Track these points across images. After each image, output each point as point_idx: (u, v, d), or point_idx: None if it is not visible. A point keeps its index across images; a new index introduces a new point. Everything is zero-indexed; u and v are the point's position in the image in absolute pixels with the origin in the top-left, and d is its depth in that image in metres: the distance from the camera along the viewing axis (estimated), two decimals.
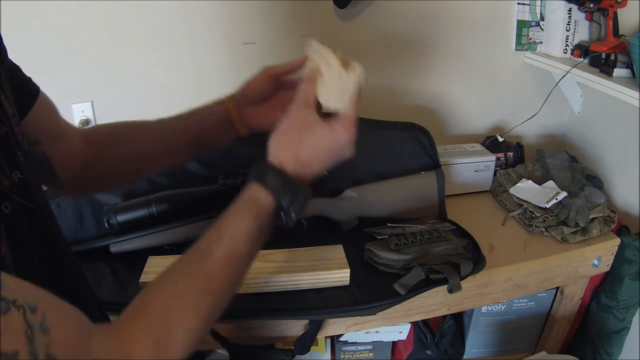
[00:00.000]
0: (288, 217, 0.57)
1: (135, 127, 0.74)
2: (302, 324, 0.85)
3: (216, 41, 1.12)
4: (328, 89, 0.59)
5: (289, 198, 0.56)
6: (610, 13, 1.13)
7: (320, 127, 0.58)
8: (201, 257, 0.51)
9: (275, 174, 0.56)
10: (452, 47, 1.26)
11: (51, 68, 1.04)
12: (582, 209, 1.04)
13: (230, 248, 0.52)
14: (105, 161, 0.69)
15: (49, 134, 0.60)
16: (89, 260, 0.90)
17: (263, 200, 0.55)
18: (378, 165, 1.07)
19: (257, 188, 0.56)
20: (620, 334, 1.13)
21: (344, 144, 0.59)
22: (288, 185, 0.56)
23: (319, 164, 0.59)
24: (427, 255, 0.88)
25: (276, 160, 0.58)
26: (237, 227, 0.54)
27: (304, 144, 0.58)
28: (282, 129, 0.60)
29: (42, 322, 0.35)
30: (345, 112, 0.59)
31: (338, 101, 0.59)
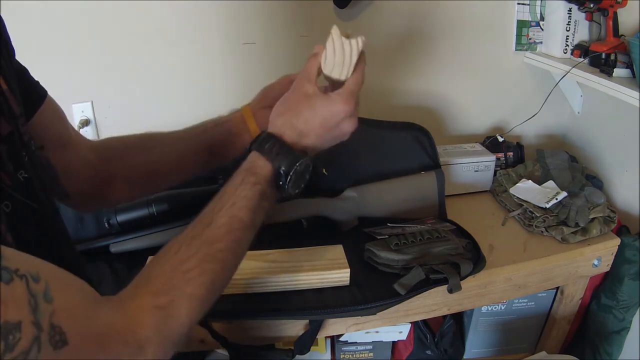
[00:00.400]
0: (287, 184, 0.56)
1: (146, 139, 0.74)
2: (302, 324, 0.85)
3: (216, 41, 1.12)
4: (330, 60, 0.60)
5: (287, 164, 0.56)
6: (610, 13, 1.13)
7: (318, 98, 0.59)
8: (203, 225, 0.52)
9: (273, 141, 0.57)
10: (452, 47, 1.26)
11: (51, 68, 1.04)
12: (582, 209, 1.04)
13: (231, 215, 0.52)
14: (115, 173, 0.68)
15: (55, 140, 0.59)
16: (89, 260, 0.90)
17: (261, 167, 0.56)
18: (378, 165, 1.07)
19: (255, 156, 0.57)
20: (620, 334, 1.13)
21: (343, 116, 0.59)
22: (285, 152, 0.57)
23: (316, 135, 0.59)
24: (427, 255, 0.88)
25: (274, 129, 0.59)
26: (236, 194, 0.54)
27: (302, 114, 0.58)
28: (282, 100, 0.61)
29: (46, 290, 0.34)
30: (347, 84, 0.60)
31: (340, 71, 0.60)
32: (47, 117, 0.58)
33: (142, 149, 0.72)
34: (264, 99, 0.75)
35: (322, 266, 0.84)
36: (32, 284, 0.34)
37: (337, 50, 0.60)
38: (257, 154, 0.57)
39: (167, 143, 0.73)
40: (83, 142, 0.67)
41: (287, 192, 0.57)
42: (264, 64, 1.16)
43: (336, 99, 0.58)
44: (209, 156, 0.74)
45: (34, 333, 0.32)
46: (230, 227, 0.52)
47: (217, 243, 0.50)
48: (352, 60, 0.60)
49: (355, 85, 0.60)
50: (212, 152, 0.74)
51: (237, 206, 0.53)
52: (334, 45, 0.60)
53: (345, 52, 0.60)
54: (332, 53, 0.60)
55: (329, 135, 0.60)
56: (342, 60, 0.60)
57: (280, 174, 0.56)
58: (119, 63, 1.08)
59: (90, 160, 0.66)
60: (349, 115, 0.59)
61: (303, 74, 0.61)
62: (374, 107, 1.20)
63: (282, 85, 0.74)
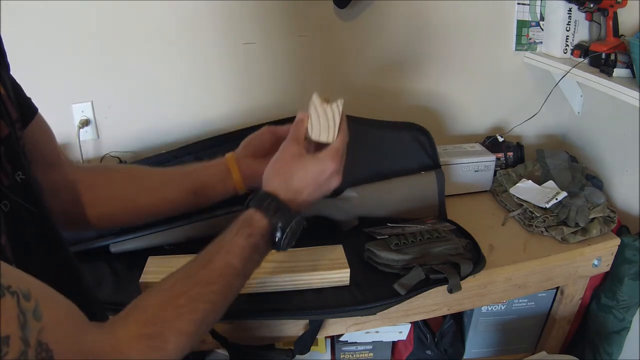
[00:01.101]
0: (282, 240, 0.61)
1: (131, 171, 0.77)
2: (302, 324, 0.85)
3: (216, 41, 1.12)
4: (316, 126, 0.66)
5: (283, 221, 0.60)
6: (610, 13, 1.13)
7: (308, 159, 0.64)
8: (199, 266, 0.54)
9: (270, 199, 0.61)
10: (452, 47, 1.26)
11: (51, 68, 1.04)
12: (582, 209, 1.04)
13: (225, 261, 0.55)
14: (97, 199, 0.70)
15: (42, 158, 0.60)
16: (89, 260, 0.90)
17: (257, 221, 0.60)
18: (378, 165, 1.07)
19: (252, 211, 0.61)
20: (620, 334, 1.13)
21: (331, 173, 0.64)
22: (281, 209, 0.61)
23: (308, 192, 0.64)
24: (427, 255, 0.88)
25: (269, 188, 0.63)
26: (232, 242, 0.57)
27: (295, 174, 0.63)
28: (274, 161, 0.65)
29: (35, 308, 0.36)
30: (333, 144, 0.65)
31: (326, 135, 0.66)
32: (36, 134, 0.59)
33: (125, 180, 0.75)
34: (247, 149, 0.79)
35: (322, 266, 0.84)
36: (23, 301, 0.35)
37: (321, 116, 0.66)
38: (254, 210, 0.61)
39: (152, 179, 0.76)
40: (69, 164, 0.69)
41: (280, 247, 0.62)
42: (264, 63, 1.16)
43: (325, 158, 0.64)
44: (192, 197, 0.77)
45: (21, 348, 0.34)
46: (224, 272, 0.55)
47: (211, 285, 0.53)
48: (335, 123, 0.66)
49: (341, 144, 0.65)
50: (196, 194, 0.77)
51: (232, 254, 0.56)
52: (317, 112, 0.66)
53: (328, 116, 0.66)
54: (316, 119, 0.66)
55: (319, 191, 0.65)
56: (326, 124, 0.66)
57: (276, 229, 0.60)
58: (119, 63, 1.08)
59: (74, 182, 0.68)
60: (335, 172, 0.64)
61: (292, 137, 0.66)
62: (374, 107, 1.20)
63: (264, 136, 0.79)
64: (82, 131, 1.11)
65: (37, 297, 0.36)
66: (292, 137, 0.66)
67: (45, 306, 0.37)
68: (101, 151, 1.15)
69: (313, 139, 0.66)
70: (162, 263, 0.83)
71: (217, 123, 1.18)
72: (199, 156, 1.03)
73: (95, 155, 1.15)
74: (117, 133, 1.15)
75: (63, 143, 1.12)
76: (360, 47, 1.20)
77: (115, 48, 1.07)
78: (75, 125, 1.10)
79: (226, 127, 1.17)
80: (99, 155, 1.15)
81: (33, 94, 0.66)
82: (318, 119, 0.66)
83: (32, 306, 0.35)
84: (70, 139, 1.11)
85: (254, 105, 1.19)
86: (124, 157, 1.14)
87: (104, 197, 0.71)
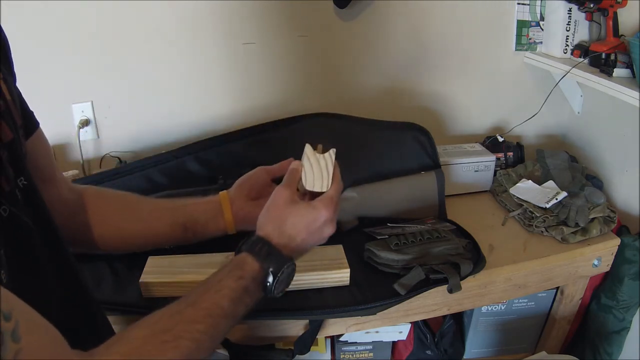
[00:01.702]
0: (274, 284, 0.60)
1: (123, 199, 0.77)
2: (302, 324, 0.85)
3: (216, 41, 1.12)
4: (309, 176, 0.67)
5: (275, 266, 0.60)
6: (610, 13, 1.13)
7: (302, 206, 0.64)
8: (186, 304, 0.54)
9: (262, 243, 0.62)
10: (452, 47, 1.26)
11: (51, 68, 1.04)
12: (582, 209, 1.04)
13: (213, 301, 0.55)
14: (88, 221, 0.71)
15: (39, 173, 0.60)
16: (89, 260, 0.90)
17: (249, 265, 0.60)
18: (378, 165, 1.07)
19: (245, 255, 0.61)
20: (620, 334, 1.13)
21: (324, 221, 0.64)
22: (272, 254, 0.61)
23: (301, 239, 0.64)
24: (427, 255, 0.88)
25: (262, 233, 0.63)
26: (221, 283, 0.57)
27: (288, 220, 0.63)
28: (268, 207, 0.65)
29: (14, 330, 0.35)
30: (327, 192, 0.66)
31: (320, 184, 0.67)
32: (35, 148, 0.59)
33: (118, 206, 0.75)
34: (241, 189, 0.79)
35: (322, 266, 0.84)
36: (2, 322, 0.35)
37: (314, 166, 0.67)
38: (246, 254, 0.61)
39: (143, 208, 0.77)
40: (65, 183, 0.69)
41: (272, 292, 0.61)
42: (263, 63, 1.16)
43: (318, 205, 0.64)
44: (181, 231, 0.77)
45: None
46: (211, 312, 0.54)
47: (197, 324, 0.52)
48: (329, 172, 0.67)
49: (335, 193, 0.66)
50: (185, 229, 0.77)
51: (220, 294, 0.56)
52: (310, 163, 0.67)
53: (321, 165, 0.67)
54: (309, 169, 0.67)
55: (312, 239, 0.65)
56: (320, 174, 0.66)
57: (268, 274, 0.60)
58: (119, 63, 1.08)
59: (68, 201, 0.68)
60: (329, 220, 0.64)
61: (285, 183, 0.66)
62: (374, 107, 1.21)
63: (259, 176, 0.79)
64: (82, 131, 1.11)
65: (18, 319, 0.36)
66: (286, 184, 0.66)
67: (26, 328, 0.36)
68: (101, 151, 1.15)
69: (307, 188, 0.67)
70: (162, 263, 0.83)
71: (217, 123, 1.18)
72: (199, 156, 1.03)
73: (95, 155, 1.15)
74: (117, 133, 1.15)
75: (63, 143, 1.12)
76: (360, 47, 1.20)
77: (115, 48, 1.07)
78: (75, 125, 1.10)
79: (226, 127, 1.17)
80: (99, 155, 1.15)
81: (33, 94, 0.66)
82: (311, 168, 0.66)
83: (10, 327, 0.35)
84: (70, 139, 1.11)
85: (254, 105, 1.19)
86: (124, 157, 1.15)
87: (96, 221, 0.72)
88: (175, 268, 0.81)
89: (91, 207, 0.72)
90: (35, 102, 0.61)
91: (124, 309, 0.79)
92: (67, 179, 0.70)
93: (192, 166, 1.03)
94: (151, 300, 0.80)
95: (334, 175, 0.67)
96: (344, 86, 1.23)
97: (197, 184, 1.00)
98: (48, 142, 0.64)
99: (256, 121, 1.09)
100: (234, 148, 1.05)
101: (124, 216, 0.75)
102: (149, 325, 0.50)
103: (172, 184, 1.01)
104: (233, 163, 1.03)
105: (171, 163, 1.03)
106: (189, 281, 0.79)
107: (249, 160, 1.03)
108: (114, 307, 0.79)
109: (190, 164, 1.03)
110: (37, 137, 0.60)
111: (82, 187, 0.75)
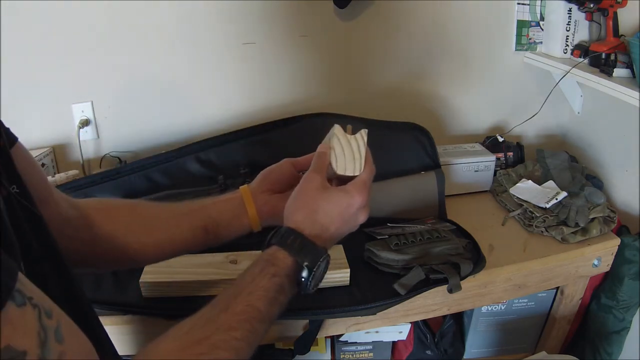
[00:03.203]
0: (309, 280, 0.55)
1: (135, 210, 0.69)
2: (302, 324, 0.85)
3: (216, 41, 1.12)
4: (341, 159, 0.62)
5: (310, 259, 0.55)
6: (610, 13, 1.13)
7: (334, 191, 0.59)
8: (219, 309, 0.49)
9: (294, 235, 0.56)
10: (452, 47, 1.26)
11: (51, 68, 1.04)
12: (582, 209, 1.04)
13: (248, 303, 0.50)
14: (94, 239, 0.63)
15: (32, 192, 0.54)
16: None
17: (281, 260, 0.54)
18: (378, 165, 1.05)
19: (275, 249, 0.55)
20: (620, 334, 1.13)
21: (358, 207, 0.59)
22: (307, 246, 0.56)
23: (335, 227, 0.59)
24: (427, 255, 0.88)
25: (293, 224, 0.57)
26: (254, 283, 0.52)
27: (321, 208, 0.58)
28: (296, 195, 0.60)
29: (57, 329, 0.32)
30: (360, 176, 0.61)
31: (353, 167, 0.62)
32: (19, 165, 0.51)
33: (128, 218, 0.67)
34: (264, 182, 0.72)
35: None
36: (45, 318, 0.31)
37: (346, 148, 0.62)
38: (277, 248, 0.55)
39: (158, 216, 0.69)
40: (63, 200, 0.62)
41: (307, 288, 0.56)
42: (263, 64, 1.16)
43: (352, 190, 0.59)
44: (203, 235, 0.69)
45: None
46: (248, 316, 0.49)
47: (233, 331, 0.47)
48: (361, 155, 0.62)
49: (368, 176, 0.61)
50: (207, 231, 0.69)
51: (255, 295, 0.51)
52: (341, 145, 0.61)
53: (353, 148, 0.62)
54: (341, 152, 0.61)
55: (346, 227, 0.60)
56: (352, 156, 0.62)
57: (303, 269, 0.55)
58: (118, 63, 1.08)
59: (69, 220, 0.61)
60: (363, 205, 0.60)
61: (314, 169, 0.61)
62: (374, 107, 1.21)
63: (283, 169, 0.71)
64: (82, 131, 1.11)
65: (59, 319, 0.33)
66: (315, 169, 0.61)
67: (68, 331, 0.33)
68: (101, 151, 1.15)
69: (339, 173, 0.62)
70: (162, 263, 0.83)
71: (217, 123, 1.18)
72: (199, 156, 1.03)
73: (95, 155, 1.15)
74: (117, 133, 1.15)
75: (63, 143, 1.12)
76: (360, 47, 1.20)
77: (116, 48, 1.07)
78: (75, 125, 1.10)
79: (226, 127, 1.17)
80: (99, 155, 1.15)
81: (33, 94, 0.66)
82: (342, 151, 0.61)
83: (54, 325, 0.32)
84: (70, 139, 1.11)
85: (254, 105, 1.19)
86: (124, 157, 1.15)
87: (104, 235, 0.64)
88: (175, 268, 0.81)
89: (97, 221, 0.64)
90: (35, 102, 0.61)
91: (124, 309, 0.79)
92: (65, 196, 0.63)
93: (192, 166, 1.03)
94: (151, 300, 0.80)
95: (366, 157, 0.62)
96: (344, 86, 1.23)
97: (197, 184, 1.00)
98: (34, 159, 0.56)
99: (256, 121, 1.09)
100: (234, 148, 1.05)
101: (135, 227, 0.67)
102: (179, 336, 0.46)
103: (172, 184, 1.01)
104: (233, 163, 1.03)
105: (171, 163, 1.03)
106: (189, 281, 0.79)
107: (249, 160, 1.04)
108: (114, 307, 0.79)
109: (190, 164, 1.03)
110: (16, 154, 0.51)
111: (84, 202, 0.67)
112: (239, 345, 0.47)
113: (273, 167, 0.72)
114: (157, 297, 0.80)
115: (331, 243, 0.60)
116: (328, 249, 0.59)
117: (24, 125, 1.03)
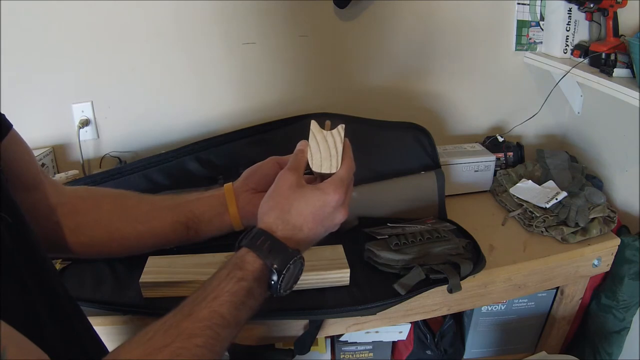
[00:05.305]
0: (279, 283, 0.53)
1: (119, 199, 0.70)
2: (302, 324, 0.85)
3: (216, 41, 1.12)
4: (316, 156, 0.60)
5: (279, 261, 0.53)
6: (610, 13, 1.13)
7: (308, 189, 0.57)
8: (182, 315, 0.48)
9: (264, 237, 0.54)
10: (452, 47, 1.26)
11: (51, 68, 1.04)
12: (582, 209, 1.04)
13: (212, 309, 0.49)
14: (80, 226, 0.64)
15: (20, 179, 0.56)
16: (90, 261, 0.90)
17: (250, 263, 0.53)
18: (378, 165, 1.07)
19: (245, 251, 0.54)
20: (620, 334, 1.13)
21: (334, 206, 0.57)
22: (277, 248, 0.54)
23: (309, 228, 0.56)
24: (427, 255, 0.88)
25: (264, 225, 0.56)
26: (220, 288, 0.51)
27: (293, 207, 0.56)
28: (270, 194, 0.58)
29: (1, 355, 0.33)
30: (336, 173, 0.59)
31: (329, 164, 0.60)
32: (12, 151, 0.53)
33: (112, 207, 0.68)
34: (248, 181, 0.71)
35: (322, 266, 0.84)
36: None
37: (321, 144, 0.60)
38: (247, 250, 0.54)
39: (140, 208, 0.70)
40: (52, 186, 0.63)
41: (278, 291, 0.54)
42: (264, 63, 1.16)
43: (326, 188, 0.57)
44: (183, 230, 0.70)
45: None
46: (210, 323, 0.48)
47: (195, 338, 0.46)
48: (337, 151, 0.60)
49: (345, 173, 0.59)
50: (187, 227, 0.70)
51: (219, 301, 0.49)
52: (317, 141, 0.60)
53: (329, 144, 0.59)
54: (316, 148, 0.60)
55: (321, 228, 0.58)
56: (328, 153, 0.60)
57: (272, 272, 0.53)
58: (119, 63, 1.08)
59: (56, 206, 0.62)
60: (340, 204, 0.57)
61: (289, 167, 0.59)
62: (374, 107, 1.21)
63: (269, 167, 0.71)
64: (82, 131, 1.11)
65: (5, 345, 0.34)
66: (290, 167, 0.59)
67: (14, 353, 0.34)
68: (101, 151, 1.15)
69: (314, 170, 0.60)
70: (162, 263, 0.83)
71: (217, 123, 1.18)
72: (199, 156, 1.03)
73: (95, 155, 1.15)
74: (117, 133, 1.15)
75: (63, 143, 1.12)
76: (360, 47, 1.20)
77: (115, 48, 1.07)
78: (75, 125, 1.10)
79: (226, 127, 1.17)
80: (99, 155, 1.15)
81: (33, 94, 0.66)
82: (318, 147, 0.60)
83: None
84: (70, 139, 1.12)
85: (254, 105, 1.19)
86: (124, 157, 1.15)
87: (88, 223, 0.65)
88: (175, 268, 0.81)
89: (84, 209, 0.66)
90: (35, 102, 0.61)
91: (124, 309, 0.79)
92: (56, 182, 0.64)
93: (192, 166, 1.03)
94: (151, 300, 0.80)
95: (345, 153, 0.60)
96: (344, 86, 1.23)
97: (197, 184, 1.00)
98: (27, 146, 0.58)
99: (256, 121, 1.09)
100: (234, 148, 1.05)
101: (120, 217, 0.68)
102: (142, 343, 0.45)
103: (172, 184, 1.01)
104: (233, 163, 1.02)
105: (171, 163, 1.03)
106: (189, 281, 0.79)
107: (249, 160, 1.04)
108: (114, 308, 0.79)
109: (190, 164, 1.03)
110: (12, 139, 0.53)
111: (72, 189, 0.69)
112: (200, 352, 0.46)
113: (257, 165, 0.72)
114: (157, 297, 0.80)
115: (306, 244, 0.58)
116: (303, 250, 0.57)
117: (24, 125, 1.02)
